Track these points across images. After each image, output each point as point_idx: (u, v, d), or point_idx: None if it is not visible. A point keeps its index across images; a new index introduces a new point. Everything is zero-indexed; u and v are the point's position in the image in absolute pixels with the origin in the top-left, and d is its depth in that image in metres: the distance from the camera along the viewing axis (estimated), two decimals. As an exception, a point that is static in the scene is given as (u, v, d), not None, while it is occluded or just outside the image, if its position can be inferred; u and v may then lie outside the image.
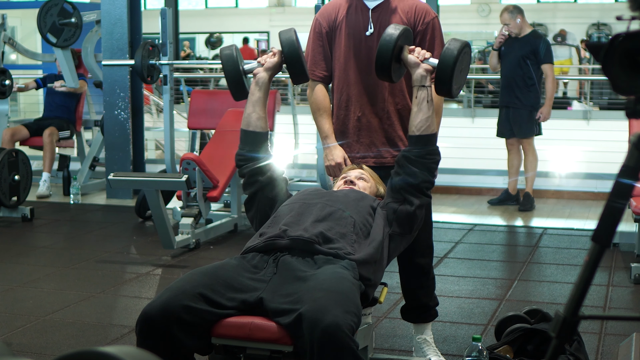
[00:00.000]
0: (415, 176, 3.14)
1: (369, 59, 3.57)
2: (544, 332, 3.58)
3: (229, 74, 3.27)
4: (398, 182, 3.15)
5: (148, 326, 2.62)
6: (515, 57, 7.33)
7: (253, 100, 3.29)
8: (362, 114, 3.63)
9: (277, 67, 3.32)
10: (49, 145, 8.20)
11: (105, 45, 8.15)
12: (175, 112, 8.10)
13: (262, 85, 3.29)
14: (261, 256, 2.91)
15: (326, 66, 3.69)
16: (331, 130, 3.67)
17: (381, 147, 3.62)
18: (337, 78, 3.68)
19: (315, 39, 3.70)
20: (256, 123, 3.27)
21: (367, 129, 3.63)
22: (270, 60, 3.31)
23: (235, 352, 2.74)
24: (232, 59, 3.26)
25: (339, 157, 3.62)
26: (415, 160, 3.14)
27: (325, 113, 3.69)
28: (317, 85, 3.70)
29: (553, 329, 1.94)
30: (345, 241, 2.94)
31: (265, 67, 3.31)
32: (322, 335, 2.45)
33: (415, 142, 3.17)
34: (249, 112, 3.28)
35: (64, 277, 5.32)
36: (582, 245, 6.20)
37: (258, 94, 3.29)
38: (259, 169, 3.24)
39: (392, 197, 3.16)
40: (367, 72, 3.59)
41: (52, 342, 4.08)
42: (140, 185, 5.87)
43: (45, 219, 7.24)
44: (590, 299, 4.79)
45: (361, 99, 3.62)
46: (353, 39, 3.61)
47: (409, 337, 4.11)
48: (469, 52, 3.15)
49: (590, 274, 1.91)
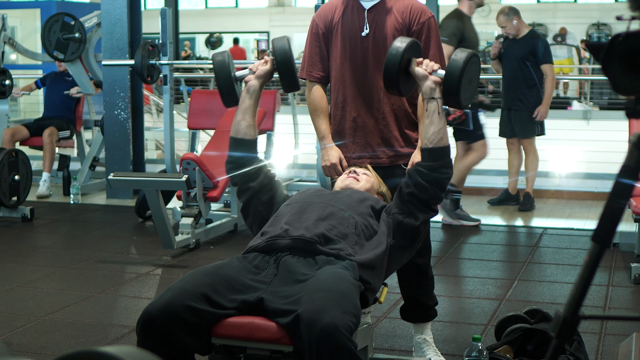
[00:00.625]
0: (426, 191, 3.09)
1: (365, 59, 3.58)
2: (544, 332, 3.57)
3: (221, 81, 3.25)
4: (407, 195, 3.10)
5: (149, 326, 2.62)
6: (515, 58, 7.33)
7: (243, 108, 3.27)
8: (357, 115, 3.63)
9: (269, 75, 3.31)
10: (49, 145, 8.20)
11: (105, 45, 8.15)
12: (175, 112, 8.11)
13: (253, 93, 3.27)
14: (262, 256, 2.90)
15: (323, 67, 3.70)
16: (328, 130, 3.68)
17: (377, 148, 3.62)
18: (333, 79, 3.68)
19: (312, 39, 3.70)
20: (245, 131, 3.26)
21: (363, 130, 3.63)
22: (262, 68, 3.29)
23: (236, 352, 2.74)
24: (224, 66, 3.24)
25: (335, 158, 3.62)
26: (427, 175, 3.08)
27: (322, 114, 3.69)
28: (314, 86, 3.71)
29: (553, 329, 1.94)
30: (346, 242, 2.93)
31: (256, 75, 3.29)
32: (320, 336, 2.45)
33: (429, 156, 3.11)
34: (238, 120, 3.27)
35: (64, 277, 5.32)
36: (582, 245, 6.20)
37: (248, 101, 3.27)
38: (250, 175, 3.23)
39: (398, 208, 3.12)
40: (363, 73, 3.59)
41: (52, 342, 4.08)
42: (140, 185, 5.87)
43: (45, 219, 7.24)
44: (590, 299, 4.79)
45: (357, 100, 3.62)
46: (349, 40, 3.61)
47: (408, 337, 4.11)
48: (477, 61, 3.08)
49: (590, 274, 1.92)
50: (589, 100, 15.13)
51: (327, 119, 3.70)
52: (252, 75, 3.30)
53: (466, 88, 3.03)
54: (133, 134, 8.24)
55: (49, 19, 7.99)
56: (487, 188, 8.38)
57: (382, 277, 3.06)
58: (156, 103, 12.26)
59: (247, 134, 3.26)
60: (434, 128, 3.09)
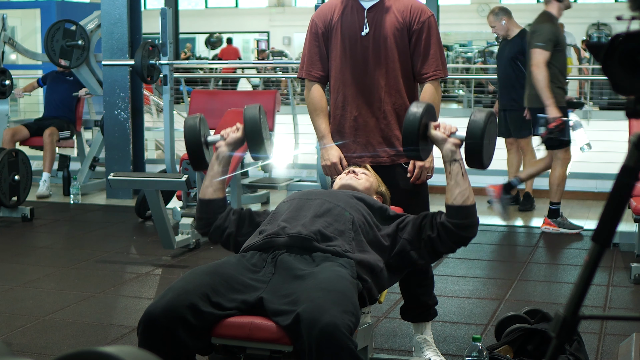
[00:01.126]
0: (445, 245, 3.05)
1: (365, 59, 3.58)
2: (544, 332, 3.57)
3: (189, 145, 3.23)
4: (427, 237, 3.05)
5: (151, 327, 2.61)
6: (506, 59, 7.33)
7: (211, 174, 3.23)
8: (358, 114, 3.63)
9: (239, 143, 3.25)
10: (49, 145, 8.20)
11: (105, 45, 8.15)
12: (175, 112, 8.10)
13: (222, 160, 3.24)
14: (260, 254, 2.90)
15: (322, 66, 3.70)
16: (328, 130, 3.68)
17: (378, 147, 3.62)
18: (333, 78, 3.69)
19: (312, 39, 3.71)
20: (212, 194, 3.23)
21: (364, 129, 3.63)
22: (233, 136, 3.24)
23: (236, 352, 2.74)
24: (194, 131, 3.21)
25: (335, 157, 3.63)
26: (453, 232, 3.02)
27: (322, 113, 3.69)
28: (313, 86, 3.71)
29: (553, 329, 1.94)
30: (343, 239, 2.93)
31: (227, 142, 3.24)
32: (320, 335, 2.45)
33: (456, 214, 3.04)
34: (205, 185, 3.23)
35: (64, 277, 5.32)
36: (582, 246, 6.20)
37: (217, 167, 3.23)
38: (221, 226, 3.21)
39: (411, 238, 3.07)
40: (363, 72, 3.60)
41: (52, 342, 4.08)
42: (140, 185, 5.87)
43: (45, 219, 7.24)
44: (590, 299, 4.79)
45: (357, 99, 3.63)
46: (349, 40, 3.62)
47: (408, 337, 4.11)
48: (494, 120, 3.04)
49: (590, 274, 1.92)
50: (589, 100, 15.13)
51: (326, 118, 3.70)
52: (223, 142, 3.25)
53: (487, 147, 3.01)
54: (133, 134, 8.24)
55: (51, 27, 8.09)
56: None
57: (380, 286, 3.04)
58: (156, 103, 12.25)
59: (214, 195, 3.23)
60: (459, 189, 3.04)
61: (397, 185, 3.58)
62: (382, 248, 3.02)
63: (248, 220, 3.20)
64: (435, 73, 3.62)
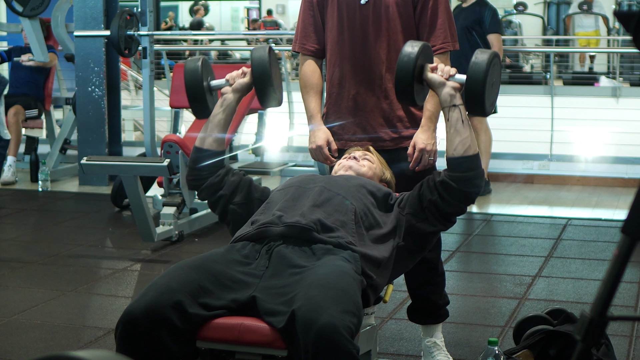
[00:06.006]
0: (450, 205, 3.05)
1: (365, 30, 3.55)
2: (568, 335, 3.58)
3: (190, 90, 3.21)
4: (428, 202, 3.06)
5: (131, 329, 2.60)
6: (461, 28, 7.28)
7: (214, 122, 3.24)
8: (357, 92, 3.60)
9: (247, 89, 3.25)
10: (14, 125, 8.19)
11: (77, 14, 8.13)
12: (155, 88, 8.09)
13: (227, 107, 3.24)
14: (252, 245, 2.89)
15: (317, 39, 3.68)
16: (318, 109, 3.64)
17: (379, 129, 3.59)
18: (329, 52, 3.66)
19: (306, 9, 3.68)
20: (211, 144, 3.23)
21: (363, 109, 3.60)
22: (240, 81, 3.24)
23: (224, 356, 2.74)
24: (196, 73, 3.20)
25: (321, 140, 3.59)
26: (455, 189, 3.02)
27: (313, 90, 3.65)
28: (307, 60, 3.69)
29: (578, 331, 1.94)
30: (345, 230, 2.92)
31: (233, 88, 3.24)
32: (317, 337, 2.44)
33: (458, 166, 3.04)
34: (205, 134, 3.24)
35: (32, 274, 5.32)
36: (610, 238, 6.21)
37: (221, 115, 3.23)
38: (216, 185, 3.21)
39: (414, 210, 3.08)
40: (363, 45, 3.56)
41: (18, 346, 4.09)
42: (117, 170, 5.87)
43: (11, 209, 7.24)
44: (620, 297, 4.80)
45: (356, 76, 3.59)
46: (346, 8, 3.58)
47: (417, 340, 4.12)
48: (498, 62, 3.04)
49: (619, 269, 1.91)
50: (619, 76, 15.12)
51: (317, 96, 3.66)
52: (229, 88, 3.26)
53: (489, 92, 2.99)
54: (109, 113, 8.24)
55: None
56: (505, 174, 8.39)
57: (387, 278, 3.05)
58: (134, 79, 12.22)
59: (212, 146, 3.23)
60: (460, 138, 3.04)
61: (402, 171, 3.54)
62: (387, 239, 3.02)
63: (246, 190, 3.21)
64: (443, 46, 3.59)
